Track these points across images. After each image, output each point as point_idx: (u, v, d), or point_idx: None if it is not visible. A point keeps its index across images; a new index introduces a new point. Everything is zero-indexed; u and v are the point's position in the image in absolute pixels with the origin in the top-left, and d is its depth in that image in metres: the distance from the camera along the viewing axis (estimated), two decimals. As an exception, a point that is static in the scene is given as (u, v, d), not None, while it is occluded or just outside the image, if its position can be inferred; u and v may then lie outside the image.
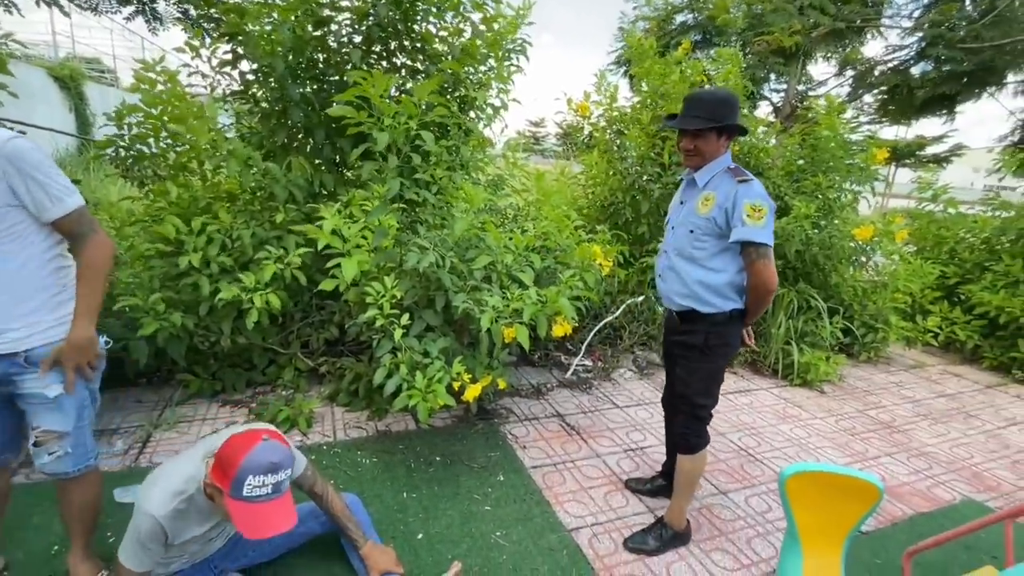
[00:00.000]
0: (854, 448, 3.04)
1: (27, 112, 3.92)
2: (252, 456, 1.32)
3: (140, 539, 1.37)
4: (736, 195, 1.72)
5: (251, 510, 1.32)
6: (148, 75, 2.67)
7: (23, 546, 1.80)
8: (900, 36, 8.37)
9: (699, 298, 1.86)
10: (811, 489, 1.33)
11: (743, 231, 1.70)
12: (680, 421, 1.99)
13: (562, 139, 6.81)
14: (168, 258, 2.66)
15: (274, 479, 1.34)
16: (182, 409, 2.81)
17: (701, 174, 1.87)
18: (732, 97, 1.81)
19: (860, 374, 4.31)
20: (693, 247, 1.84)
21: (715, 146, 1.83)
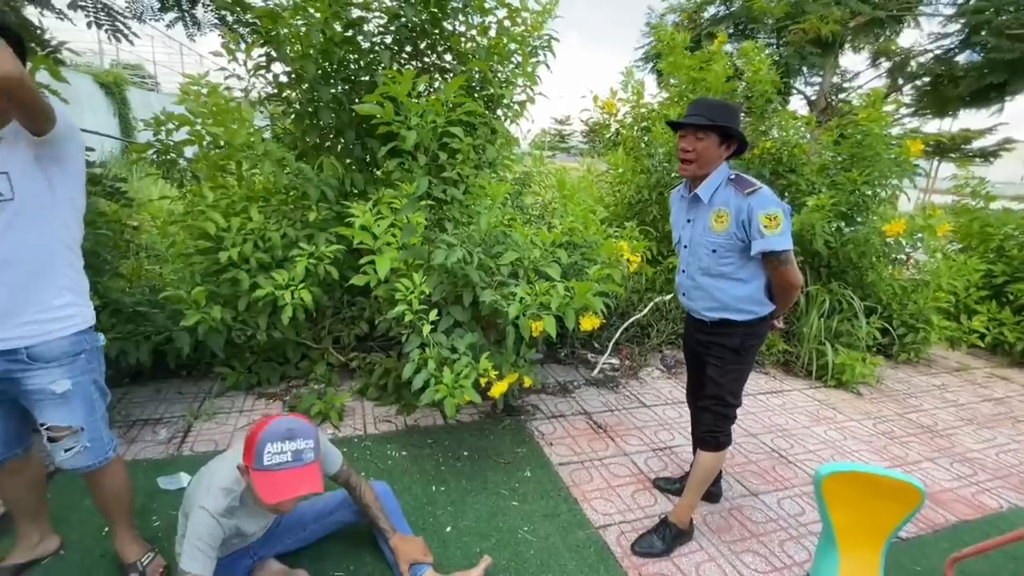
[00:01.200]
0: (893, 452, 2.94)
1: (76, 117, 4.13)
2: (270, 427, 1.39)
3: (201, 538, 1.39)
4: (750, 208, 1.71)
5: (272, 477, 1.35)
6: (193, 88, 2.79)
7: (76, 528, 1.91)
8: (942, 24, 8.00)
9: (734, 309, 1.87)
10: (848, 490, 1.29)
11: (763, 243, 1.71)
12: (709, 420, 1.97)
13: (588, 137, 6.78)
14: (208, 254, 2.76)
15: (292, 446, 1.37)
16: (220, 401, 2.92)
17: (703, 189, 1.84)
18: (737, 107, 1.88)
19: (899, 376, 4.16)
20: (720, 265, 1.84)
21: (715, 153, 1.80)
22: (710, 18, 8.84)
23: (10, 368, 1.39)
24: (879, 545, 1.32)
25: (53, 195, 1.38)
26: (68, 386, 1.45)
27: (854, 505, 1.30)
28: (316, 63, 2.96)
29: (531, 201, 3.83)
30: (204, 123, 2.83)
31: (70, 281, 1.47)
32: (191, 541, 1.39)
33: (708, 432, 1.97)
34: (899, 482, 1.26)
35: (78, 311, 1.49)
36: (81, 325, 1.49)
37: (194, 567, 1.37)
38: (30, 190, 1.34)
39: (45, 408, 1.45)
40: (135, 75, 14.03)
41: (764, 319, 1.90)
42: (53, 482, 2.13)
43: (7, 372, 1.40)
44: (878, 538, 1.32)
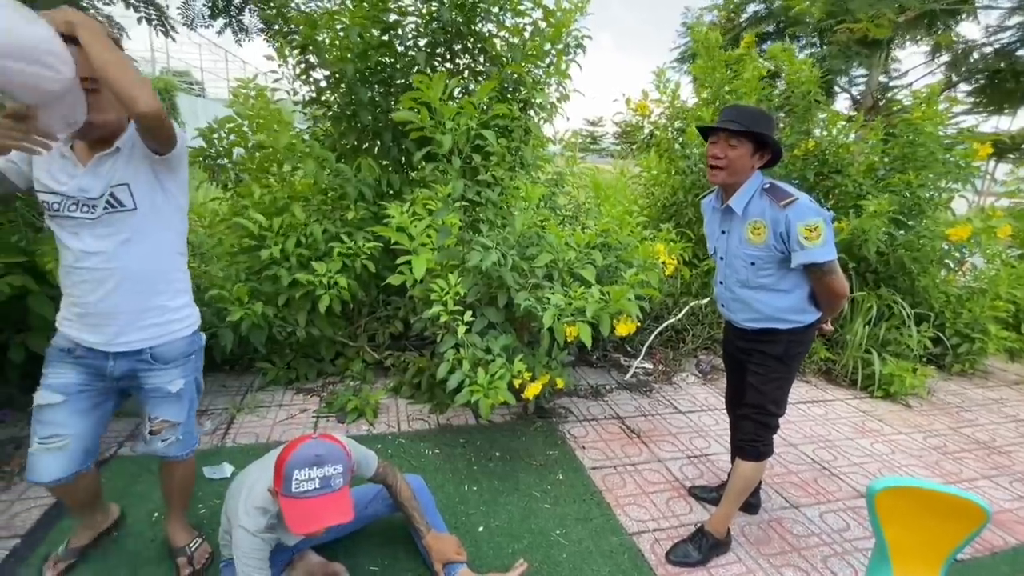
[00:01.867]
0: (946, 468, 2.78)
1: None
2: (298, 452, 1.36)
3: (249, 555, 1.42)
4: (788, 221, 1.64)
5: (300, 505, 1.32)
6: (242, 91, 2.91)
7: (129, 512, 2.00)
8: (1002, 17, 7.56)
9: (778, 319, 1.81)
10: (905, 506, 1.23)
11: (805, 255, 1.64)
12: (749, 428, 1.90)
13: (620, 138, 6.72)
14: (251, 252, 2.86)
15: (320, 472, 1.34)
16: (260, 395, 3.01)
17: (736, 200, 1.76)
18: (773, 115, 1.81)
19: (952, 388, 3.94)
20: (759, 277, 1.78)
21: (746, 162, 1.72)
22: (749, 17, 8.63)
23: (135, 368, 1.49)
24: (937, 566, 1.25)
25: (168, 203, 1.46)
26: (181, 385, 1.55)
27: (910, 522, 1.23)
28: (355, 65, 3.03)
29: (564, 202, 3.81)
30: (251, 125, 2.93)
31: (183, 284, 1.57)
32: (241, 560, 1.42)
33: (748, 441, 1.90)
34: (961, 500, 1.18)
35: (192, 312, 1.60)
36: (195, 326, 1.60)
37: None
38: (149, 200, 1.41)
39: (159, 404, 1.55)
40: (183, 81, 14.70)
41: (810, 326, 1.83)
42: (107, 468, 2.25)
43: (132, 371, 1.49)
44: (936, 558, 1.25)
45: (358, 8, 2.91)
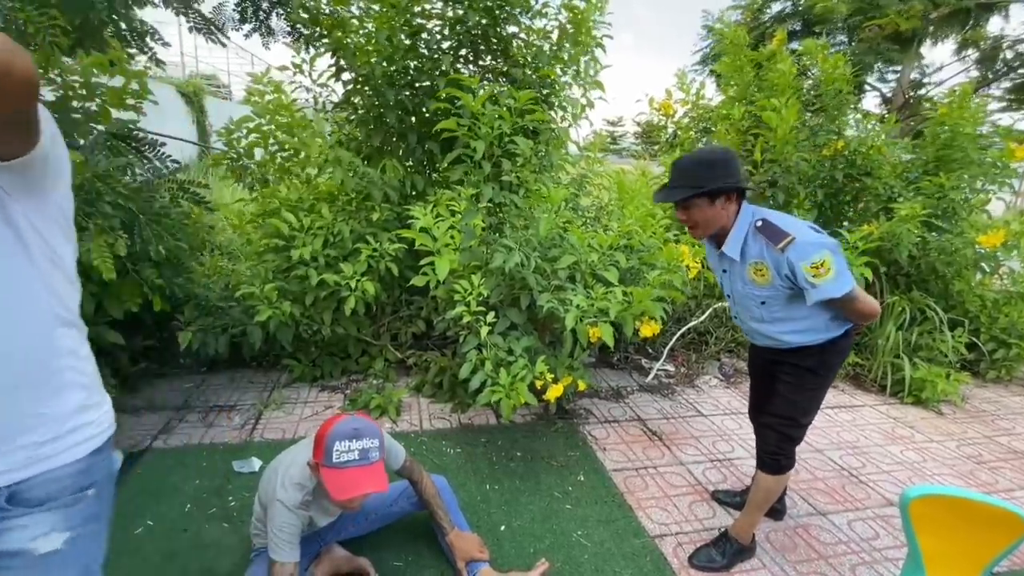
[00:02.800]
0: (980, 478, 2.70)
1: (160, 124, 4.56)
2: (338, 426, 1.46)
3: (283, 530, 1.48)
4: (790, 264, 1.54)
5: (341, 475, 1.41)
6: (258, 87, 2.95)
7: (161, 504, 2.07)
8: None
9: (803, 335, 1.72)
10: (940, 515, 1.20)
11: (817, 292, 1.53)
12: (772, 439, 1.83)
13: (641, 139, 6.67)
14: (280, 252, 2.92)
15: (360, 444, 1.43)
16: (286, 392, 3.08)
17: (729, 247, 1.66)
18: (718, 157, 1.63)
19: (988, 395, 3.81)
20: (773, 314, 1.70)
21: (713, 212, 1.62)
22: (774, 15, 8.48)
23: None
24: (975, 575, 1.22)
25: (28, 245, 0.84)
26: (58, 544, 0.90)
27: (946, 532, 1.20)
28: (383, 68, 3.07)
29: (587, 203, 3.80)
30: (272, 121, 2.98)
31: (76, 372, 0.94)
32: (275, 534, 1.48)
33: (770, 454, 1.84)
34: (1001, 510, 1.15)
35: (93, 417, 0.96)
36: (98, 440, 0.96)
37: (283, 556, 1.47)
38: None
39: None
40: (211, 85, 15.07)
41: (845, 335, 1.73)
42: (140, 461, 2.33)
43: None
44: (972, 569, 1.21)
45: (385, 13, 2.95)
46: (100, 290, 2.23)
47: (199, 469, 2.30)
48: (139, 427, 2.61)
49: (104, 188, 2.13)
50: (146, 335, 3.02)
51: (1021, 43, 7.53)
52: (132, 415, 2.71)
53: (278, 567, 1.47)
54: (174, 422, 2.68)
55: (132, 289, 2.31)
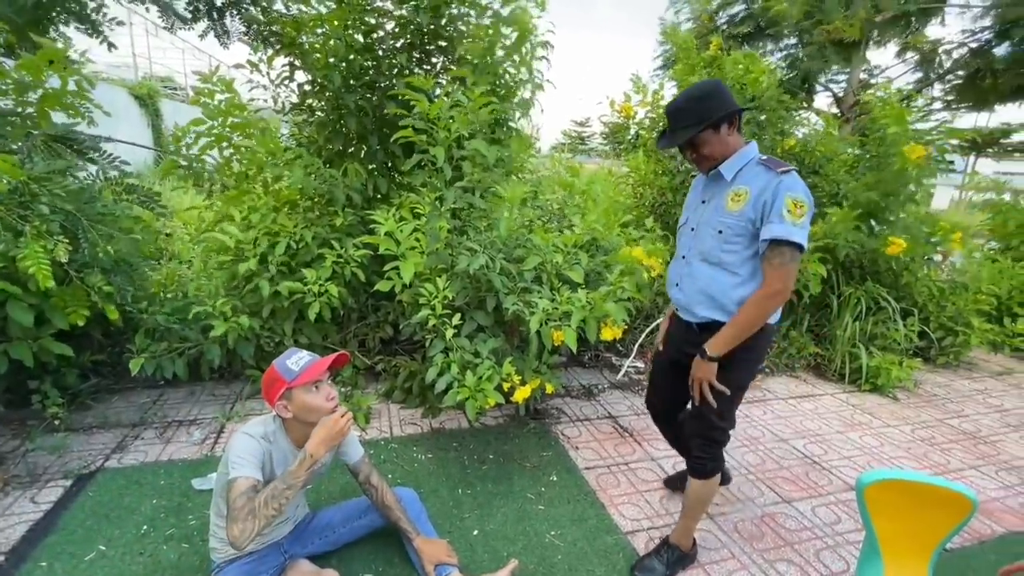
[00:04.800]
0: (934, 459, 2.82)
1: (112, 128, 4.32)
2: (276, 361, 1.58)
3: (243, 452, 1.47)
4: (778, 186, 1.51)
5: (307, 372, 1.52)
6: (206, 87, 2.78)
7: (116, 524, 1.96)
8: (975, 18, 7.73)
9: (727, 311, 1.65)
10: (893, 498, 1.24)
11: (781, 228, 1.48)
12: (696, 445, 1.78)
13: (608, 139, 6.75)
14: (229, 266, 2.82)
15: (306, 353, 1.58)
16: (250, 403, 2.98)
17: (726, 167, 1.66)
18: (710, 88, 1.63)
19: (938, 380, 4.01)
20: (722, 250, 1.63)
21: (721, 142, 1.63)
22: (728, 20, 8.72)
23: None
24: (926, 556, 1.26)
25: None
26: None
27: (899, 514, 1.25)
28: (340, 72, 3.01)
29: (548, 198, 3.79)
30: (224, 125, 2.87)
31: None
32: (234, 455, 1.48)
33: (697, 458, 1.79)
34: (948, 491, 1.20)
35: None
36: None
37: (243, 471, 1.45)
38: None
39: None
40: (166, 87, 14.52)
41: (761, 330, 1.62)
42: (92, 481, 2.21)
43: None
44: (925, 549, 1.27)
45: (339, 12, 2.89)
46: (41, 300, 2.10)
47: (156, 488, 2.20)
48: (90, 446, 2.47)
49: (40, 190, 2.01)
50: (96, 349, 2.87)
51: (957, 48, 7.99)
52: (83, 434, 2.57)
53: (240, 482, 1.42)
54: (129, 439, 2.56)
55: (77, 298, 2.18)
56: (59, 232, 2.00)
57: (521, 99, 3.25)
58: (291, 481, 1.46)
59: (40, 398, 2.48)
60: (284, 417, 1.57)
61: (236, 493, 1.40)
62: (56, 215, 2.04)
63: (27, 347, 2.21)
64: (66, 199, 2.10)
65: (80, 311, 2.18)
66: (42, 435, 2.48)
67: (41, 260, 1.82)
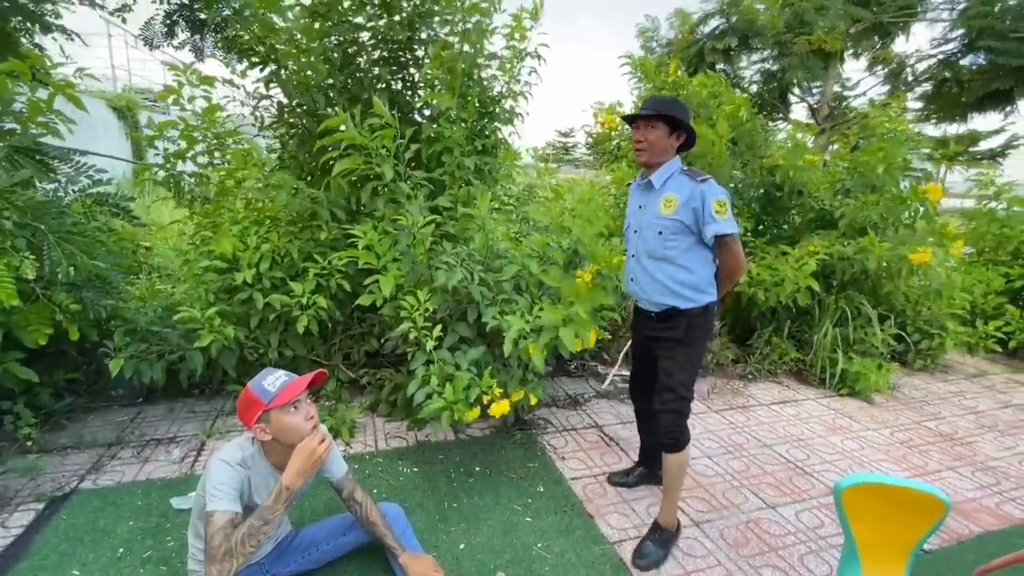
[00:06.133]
0: (912, 461, 2.88)
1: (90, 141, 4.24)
2: (252, 380, 1.55)
3: (222, 482, 1.44)
4: (703, 194, 1.84)
5: (284, 392, 1.50)
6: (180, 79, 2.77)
7: (92, 548, 1.91)
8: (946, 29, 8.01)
9: (678, 295, 1.94)
10: (870, 502, 1.27)
11: (717, 227, 1.84)
12: (667, 421, 1.99)
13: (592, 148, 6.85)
14: (223, 273, 2.79)
15: (282, 373, 1.55)
16: (232, 419, 2.93)
17: (656, 176, 1.96)
18: (684, 104, 1.97)
19: (915, 383, 4.09)
20: (665, 247, 1.93)
21: (664, 142, 1.93)
22: (710, 32, 8.89)
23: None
24: (903, 558, 1.29)
25: None
26: None
27: (876, 518, 1.27)
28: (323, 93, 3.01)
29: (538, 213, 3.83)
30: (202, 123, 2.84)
31: None
32: (211, 485, 1.44)
33: (667, 433, 1.99)
34: (922, 493, 1.23)
35: None
36: None
37: (220, 505, 1.42)
38: None
39: None
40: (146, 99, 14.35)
41: (707, 308, 1.97)
42: (67, 503, 2.15)
43: None
44: (902, 551, 1.29)
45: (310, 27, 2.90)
46: (5, 318, 2.04)
47: (134, 509, 2.14)
48: (64, 468, 2.41)
49: (2, 204, 1.96)
50: (70, 367, 2.80)
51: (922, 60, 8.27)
52: (57, 454, 2.50)
53: (217, 517, 1.40)
54: (105, 459, 2.49)
55: (42, 317, 2.12)
56: (24, 249, 1.96)
57: (503, 109, 3.29)
58: (268, 516, 1.44)
59: (12, 419, 2.41)
60: (262, 440, 1.53)
61: (213, 529, 1.38)
62: (21, 230, 2.00)
63: (12, 358, 2.15)
64: (31, 213, 2.04)
65: (43, 330, 2.12)
66: (13, 457, 2.41)
67: (4, 278, 1.78)
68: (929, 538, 1.31)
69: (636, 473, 2.48)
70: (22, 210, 2.01)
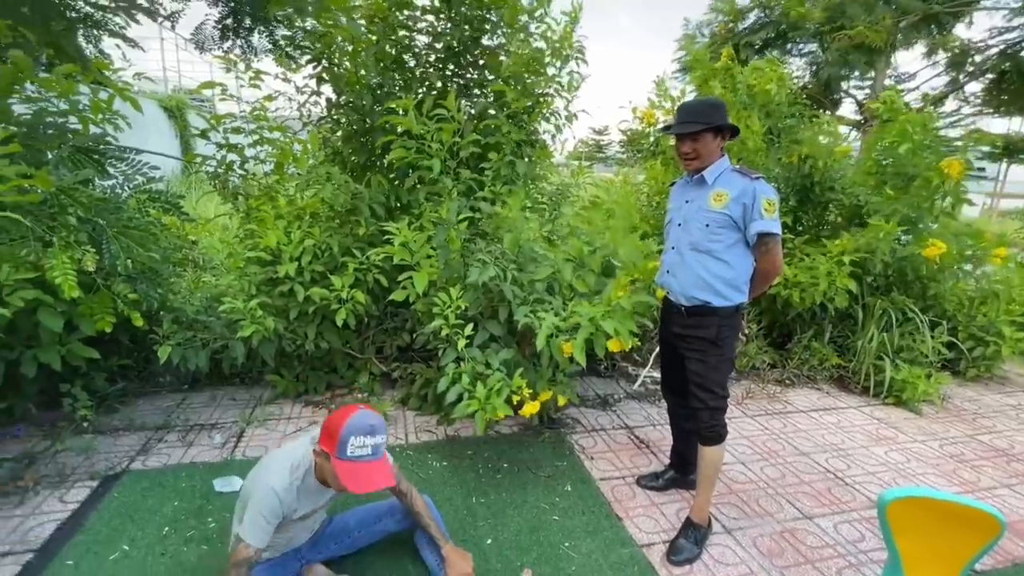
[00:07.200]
0: (963, 476, 2.73)
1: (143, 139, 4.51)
2: (353, 420, 1.48)
3: (262, 514, 1.48)
4: (755, 191, 1.86)
5: (354, 468, 1.46)
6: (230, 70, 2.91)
7: (140, 526, 2.01)
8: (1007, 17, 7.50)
9: (715, 291, 1.94)
10: (917, 517, 1.20)
11: (763, 224, 1.85)
12: (706, 418, 2.00)
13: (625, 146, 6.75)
14: (265, 266, 2.89)
15: (372, 441, 1.48)
16: (270, 408, 3.03)
17: (708, 173, 1.97)
18: (721, 102, 1.97)
19: (968, 394, 3.87)
20: (710, 240, 1.93)
21: (712, 147, 1.94)
22: (748, 27, 8.63)
23: None
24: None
25: None
26: None
27: (924, 533, 1.21)
28: (371, 91, 3.08)
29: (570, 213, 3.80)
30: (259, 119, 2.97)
31: None
32: (255, 512, 1.49)
33: (708, 428, 2.01)
34: (975, 510, 1.16)
35: None
36: None
37: (254, 539, 1.48)
38: None
39: None
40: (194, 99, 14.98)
41: (738, 309, 1.99)
42: (119, 483, 2.27)
43: None
44: (951, 570, 1.22)
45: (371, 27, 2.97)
46: (70, 307, 2.18)
47: (178, 490, 2.25)
48: (116, 448, 2.55)
49: (68, 200, 2.09)
50: (123, 354, 2.96)
51: (988, 48, 7.77)
52: (110, 436, 2.66)
53: (243, 547, 1.47)
54: (153, 442, 2.63)
55: (104, 305, 2.25)
56: (86, 243, 2.08)
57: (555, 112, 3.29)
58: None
59: (70, 401, 2.57)
60: (316, 461, 1.57)
61: (237, 557, 1.49)
62: (84, 225, 2.12)
63: (56, 352, 2.29)
64: (92, 209, 2.17)
65: (107, 318, 2.26)
66: (71, 436, 2.57)
67: (67, 271, 1.89)
68: (982, 558, 1.24)
69: (667, 477, 2.44)
70: (85, 206, 2.14)
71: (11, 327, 2.14)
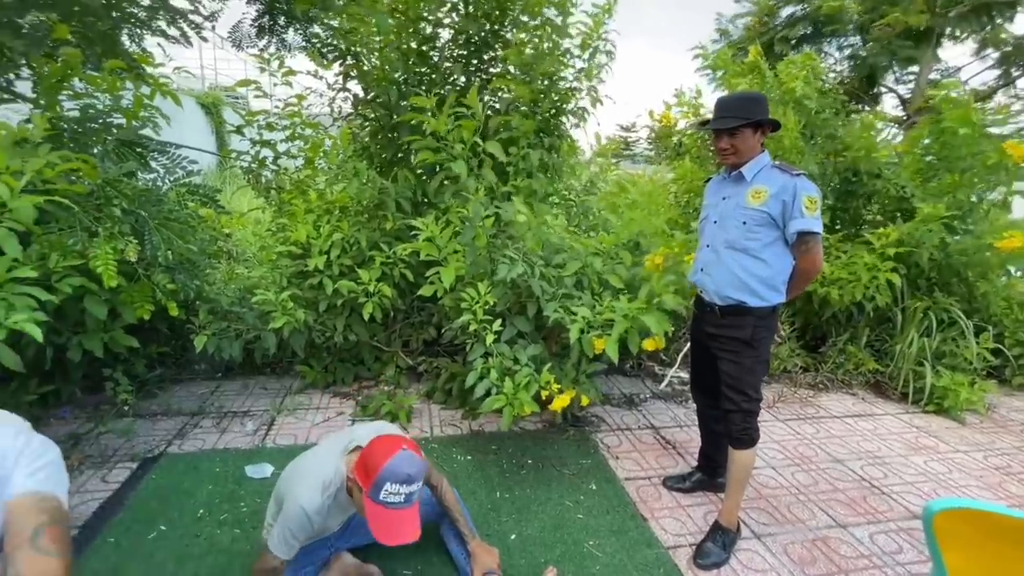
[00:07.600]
0: (1010, 490, 2.60)
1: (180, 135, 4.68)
2: (392, 464, 1.42)
3: (291, 530, 1.50)
4: (796, 188, 1.80)
5: (385, 515, 1.42)
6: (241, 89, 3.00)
7: (177, 508, 2.08)
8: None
9: (751, 291, 1.89)
10: (967, 530, 1.14)
11: (803, 222, 1.79)
12: (738, 420, 1.96)
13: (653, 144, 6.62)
14: (296, 259, 2.95)
15: (407, 489, 1.43)
16: (299, 398, 3.10)
17: (747, 169, 1.92)
18: (760, 96, 1.93)
19: (1016, 404, 3.68)
20: (747, 238, 1.88)
21: (751, 142, 1.90)
22: (784, 20, 8.37)
23: None
24: (1003, 596, 1.16)
25: None
26: None
27: (974, 548, 1.14)
28: (397, 87, 3.10)
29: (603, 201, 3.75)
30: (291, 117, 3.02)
31: None
32: (284, 527, 1.50)
33: (741, 431, 1.97)
34: (1030, 525, 1.10)
35: None
36: None
37: (281, 553, 1.51)
38: None
39: None
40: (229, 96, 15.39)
41: (774, 310, 1.94)
42: (156, 465, 2.35)
43: None
44: (1002, 588, 1.16)
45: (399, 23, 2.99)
46: (112, 295, 2.26)
47: (212, 474, 2.32)
48: (154, 432, 2.64)
49: (112, 192, 2.17)
50: (162, 342, 3.07)
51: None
52: (148, 420, 2.76)
53: (269, 558, 1.51)
54: (189, 427, 2.72)
55: (144, 294, 2.33)
56: (129, 233, 2.15)
57: (576, 107, 3.25)
58: None
59: (112, 385, 2.67)
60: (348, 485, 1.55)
61: (261, 564, 1.55)
62: (127, 217, 2.20)
63: (99, 339, 2.39)
64: (136, 201, 2.25)
65: (146, 306, 2.33)
66: (113, 419, 2.67)
67: (109, 260, 1.96)
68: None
69: (694, 479, 2.40)
70: (129, 198, 2.22)
71: (59, 313, 2.23)
